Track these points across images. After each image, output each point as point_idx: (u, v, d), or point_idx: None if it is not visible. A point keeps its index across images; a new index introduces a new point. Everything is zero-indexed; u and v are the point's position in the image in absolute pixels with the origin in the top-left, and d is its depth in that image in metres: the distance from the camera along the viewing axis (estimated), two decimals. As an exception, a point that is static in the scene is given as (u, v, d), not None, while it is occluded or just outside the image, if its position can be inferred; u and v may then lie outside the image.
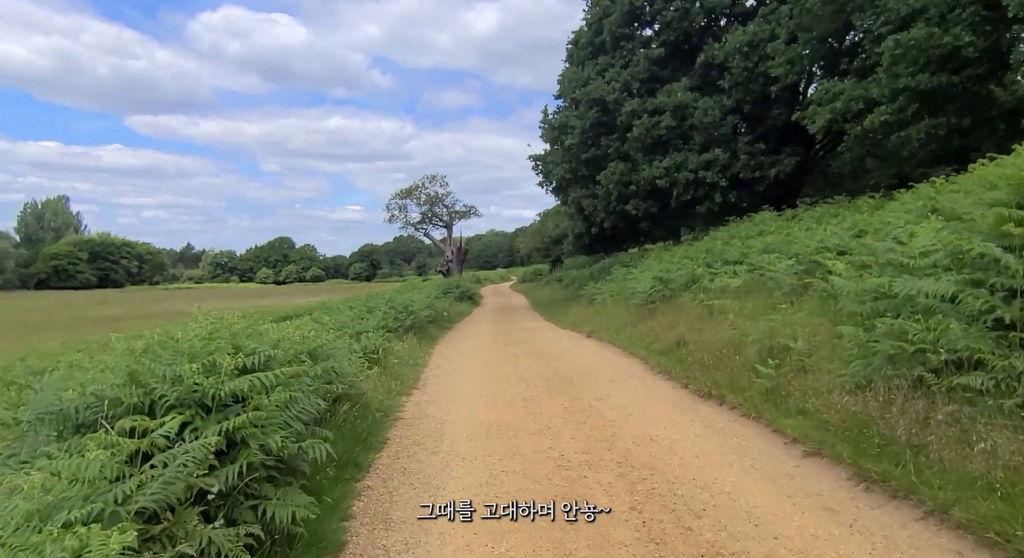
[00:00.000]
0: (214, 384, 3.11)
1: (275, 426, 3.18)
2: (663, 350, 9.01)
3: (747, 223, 16.03)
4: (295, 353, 4.65)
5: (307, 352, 5.03)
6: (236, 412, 3.07)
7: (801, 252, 9.76)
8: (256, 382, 3.18)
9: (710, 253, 14.05)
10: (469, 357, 11.28)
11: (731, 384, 6.32)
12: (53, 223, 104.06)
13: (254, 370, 3.43)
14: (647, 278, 13.68)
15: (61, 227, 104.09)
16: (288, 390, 3.44)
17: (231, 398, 3.19)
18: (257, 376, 3.21)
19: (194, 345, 3.63)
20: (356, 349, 8.25)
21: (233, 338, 3.92)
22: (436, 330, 16.11)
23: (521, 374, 8.91)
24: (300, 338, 5.24)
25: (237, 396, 3.24)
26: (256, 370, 3.45)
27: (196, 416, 3.02)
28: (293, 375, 3.72)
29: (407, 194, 41.54)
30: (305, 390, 3.77)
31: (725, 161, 19.52)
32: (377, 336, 9.30)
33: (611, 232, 23.49)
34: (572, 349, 11.38)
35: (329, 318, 13.63)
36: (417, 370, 9.56)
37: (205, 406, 3.10)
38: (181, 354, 3.52)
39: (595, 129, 22.30)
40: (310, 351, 5.14)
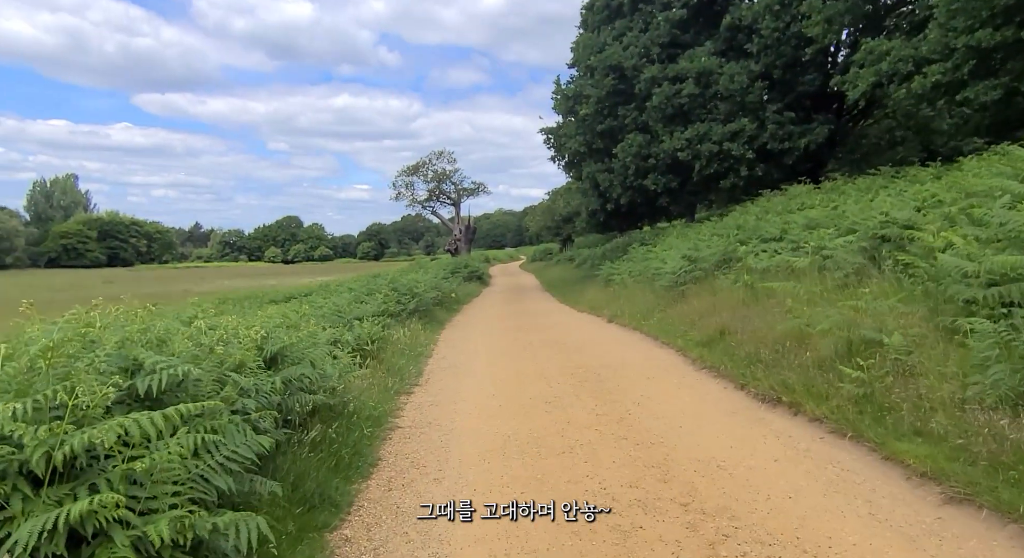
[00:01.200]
0: (50, 436, 1.84)
1: (172, 494, 1.94)
2: (704, 341, 7.71)
3: (781, 197, 14.59)
4: (237, 364, 3.38)
5: (267, 356, 3.78)
6: (92, 480, 1.82)
7: (861, 226, 8.39)
8: (140, 425, 1.91)
9: (743, 229, 12.66)
10: (479, 346, 10.03)
11: (807, 388, 5.02)
12: (62, 202, 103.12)
13: (153, 399, 2.18)
14: (674, 257, 12.33)
15: (70, 206, 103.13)
16: (203, 428, 2.19)
17: (88, 456, 1.91)
18: (142, 417, 1.94)
19: (34, 363, 2.26)
20: (348, 340, 7.00)
21: (119, 349, 2.60)
22: (443, 313, 14.87)
23: (540, 368, 7.65)
24: (259, 336, 3.95)
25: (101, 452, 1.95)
26: (158, 398, 2.20)
27: (13, 495, 1.76)
28: (225, 399, 2.47)
29: (414, 171, 40.05)
30: (239, 423, 2.52)
31: (752, 131, 17.98)
32: (373, 324, 8.06)
33: (627, 209, 22.06)
34: (595, 337, 10.10)
35: (325, 301, 12.42)
36: (420, 362, 8.31)
37: (33, 476, 1.84)
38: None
39: (612, 98, 20.74)
40: (273, 354, 3.89)
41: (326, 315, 9.47)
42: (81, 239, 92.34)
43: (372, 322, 9.08)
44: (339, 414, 4.76)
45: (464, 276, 27.73)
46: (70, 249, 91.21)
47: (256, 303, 25.77)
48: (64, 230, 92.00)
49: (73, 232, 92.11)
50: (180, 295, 49.51)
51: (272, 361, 3.95)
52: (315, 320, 8.85)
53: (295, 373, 3.69)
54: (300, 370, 3.72)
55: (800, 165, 18.72)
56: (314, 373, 3.97)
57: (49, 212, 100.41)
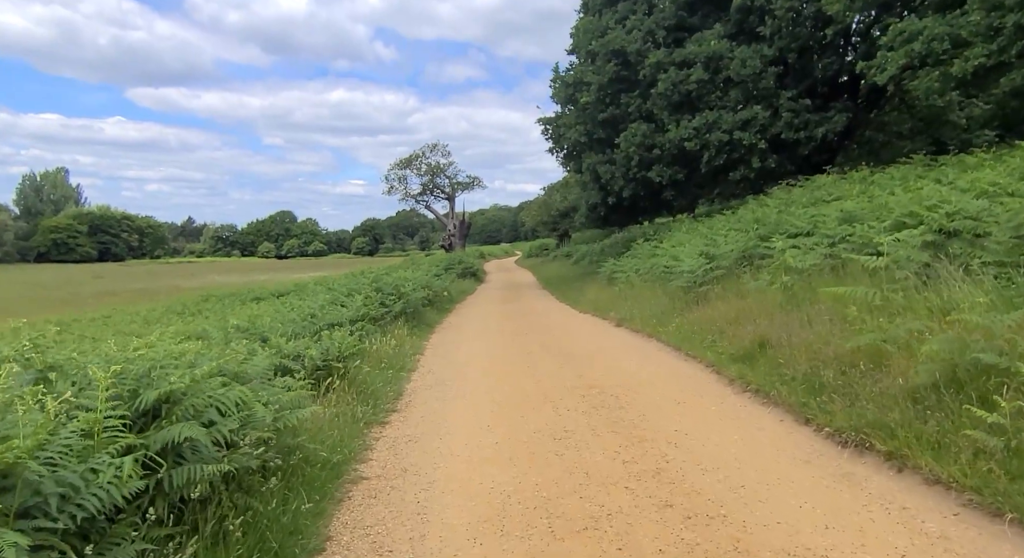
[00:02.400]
0: None
1: None
2: (741, 355, 6.38)
3: (802, 188, 13.27)
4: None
5: (141, 407, 2.43)
6: None
7: (915, 219, 7.08)
8: None
9: (762, 223, 11.33)
10: (472, 355, 8.68)
11: (913, 433, 3.70)
12: (52, 196, 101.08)
13: None
14: (690, 254, 11.01)
15: (60, 200, 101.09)
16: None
17: None
18: None
19: None
20: (313, 355, 5.64)
21: None
22: (434, 314, 13.51)
23: (544, 386, 6.31)
24: (131, 376, 2.55)
25: None
26: None
27: None
28: None
29: (407, 164, 38.61)
30: None
31: (765, 120, 16.64)
32: (348, 333, 6.69)
33: (630, 202, 20.68)
34: (604, 345, 8.77)
35: (302, 303, 11.06)
36: (402, 379, 6.95)
37: None
38: None
39: (614, 85, 19.35)
40: (152, 404, 2.53)
41: (296, 321, 8.11)
42: (71, 234, 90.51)
43: (348, 330, 7.73)
44: (275, 471, 3.41)
45: (458, 272, 26.42)
46: (60, 244, 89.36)
47: (238, 301, 24.39)
48: (54, 224, 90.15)
49: (63, 226, 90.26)
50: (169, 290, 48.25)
51: (153, 414, 2.61)
52: (281, 328, 7.50)
53: (171, 437, 2.33)
54: (186, 432, 2.36)
55: (815, 156, 17.43)
56: (215, 431, 2.62)
57: (39, 206, 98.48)
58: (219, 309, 21.42)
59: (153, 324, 17.01)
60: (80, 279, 60.12)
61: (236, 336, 8.07)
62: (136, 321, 18.01)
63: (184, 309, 21.15)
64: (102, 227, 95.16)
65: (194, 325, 15.82)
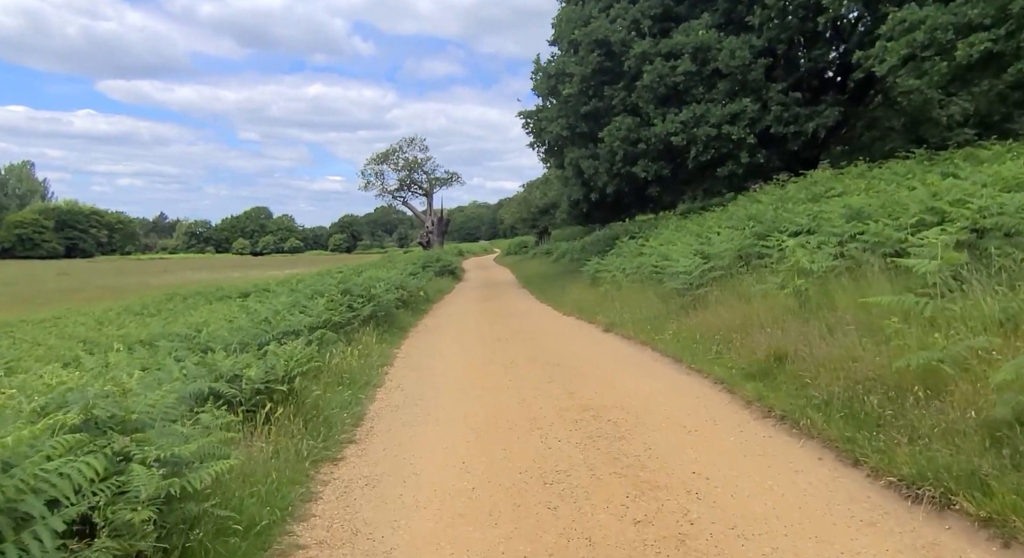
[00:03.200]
0: None
1: None
2: (754, 370, 5.53)
3: (797, 184, 12.53)
4: None
5: None
6: None
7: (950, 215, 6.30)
8: None
9: (758, 221, 10.55)
10: (448, 365, 7.71)
11: (1014, 488, 2.85)
12: (17, 190, 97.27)
13: None
14: (684, 253, 10.17)
15: (26, 194, 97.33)
16: None
17: None
18: None
19: None
20: (251, 377, 4.63)
21: None
22: (408, 317, 12.51)
23: (530, 410, 5.38)
24: None
25: None
26: None
27: None
28: None
29: (384, 159, 37.36)
30: None
31: (754, 113, 15.91)
32: (297, 348, 5.68)
33: (614, 199, 19.86)
34: (594, 354, 7.86)
35: (262, 306, 9.98)
36: (364, 399, 5.95)
37: None
38: None
39: (598, 77, 18.47)
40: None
41: (245, 328, 7.06)
42: (37, 229, 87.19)
43: (306, 339, 6.71)
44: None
45: (436, 271, 25.40)
46: (25, 239, 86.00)
47: (203, 300, 23.01)
48: (19, 219, 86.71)
49: (28, 221, 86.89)
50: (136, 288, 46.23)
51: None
52: (227, 337, 6.47)
53: None
54: None
55: (804, 151, 16.80)
56: (29, 534, 1.66)
57: (3, 201, 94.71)
58: (182, 309, 20.08)
59: (106, 325, 15.72)
60: (43, 276, 57.60)
61: (179, 347, 7.01)
62: (88, 322, 16.67)
63: (144, 309, 19.80)
64: (69, 222, 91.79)
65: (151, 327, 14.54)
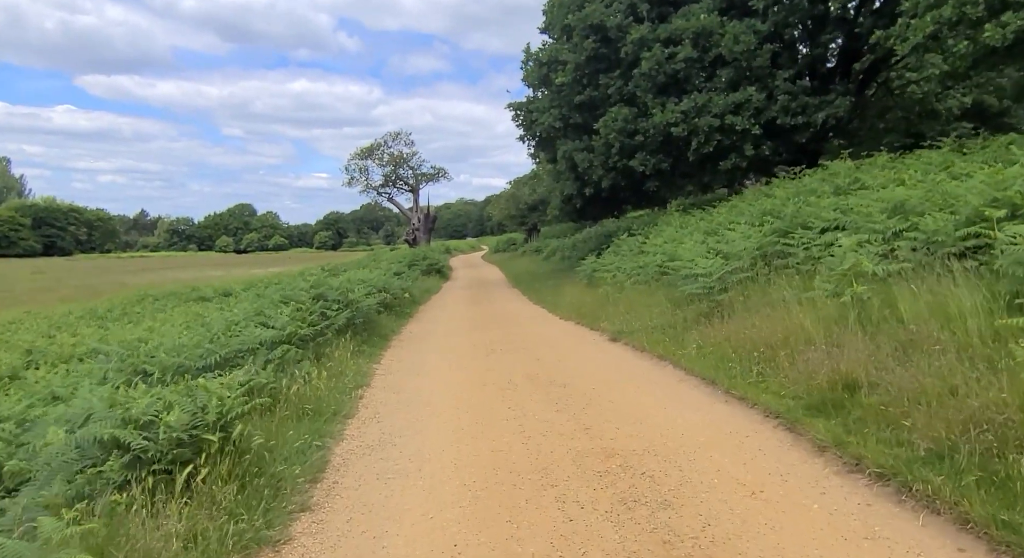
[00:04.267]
0: None
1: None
2: (817, 401, 4.39)
3: (814, 176, 11.45)
4: None
5: None
6: None
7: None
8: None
9: (775, 216, 9.44)
10: (434, 388, 6.49)
11: None
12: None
13: None
14: (696, 252, 9.04)
15: (3, 191, 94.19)
16: None
17: None
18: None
19: None
20: (172, 423, 3.40)
21: None
22: (391, 322, 11.28)
23: (540, 455, 4.20)
24: None
25: None
26: None
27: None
28: None
29: (368, 153, 35.89)
30: None
31: (760, 103, 14.84)
32: (251, 372, 4.43)
33: (608, 194, 18.69)
34: (606, 371, 6.69)
35: (219, 317, 8.70)
36: (329, 439, 4.73)
37: None
38: None
39: (592, 64, 17.29)
40: None
41: (188, 346, 5.80)
42: (13, 226, 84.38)
43: (264, 358, 5.48)
44: None
45: (422, 269, 24.16)
46: (1, 237, 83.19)
47: (175, 302, 21.54)
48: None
49: (4, 219, 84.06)
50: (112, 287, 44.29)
51: None
52: (164, 359, 5.23)
53: None
54: None
55: (812, 143, 15.77)
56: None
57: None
58: (148, 312, 18.61)
59: (62, 332, 14.30)
60: (16, 275, 55.36)
61: (111, 367, 5.75)
62: (43, 328, 15.22)
63: (109, 312, 18.33)
64: (47, 220, 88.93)
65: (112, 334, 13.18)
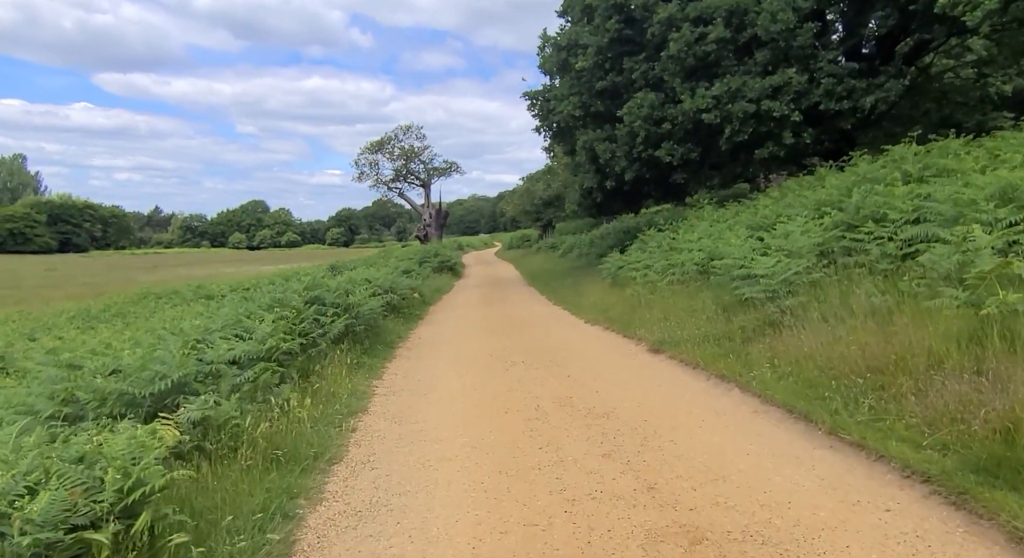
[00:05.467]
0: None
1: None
2: (982, 457, 3.12)
3: (871, 163, 10.06)
4: None
5: None
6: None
7: None
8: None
9: (834, 208, 8.08)
10: (443, 417, 5.26)
11: None
12: (9, 183, 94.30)
13: None
14: (744, 249, 7.73)
15: (18, 188, 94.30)
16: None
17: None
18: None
19: None
20: (35, 517, 2.19)
21: None
22: (398, 326, 10.10)
23: (595, 538, 2.97)
24: None
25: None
26: None
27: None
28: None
29: (378, 147, 34.75)
30: None
31: (800, 86, 13.46)
32: (199, 414, 3.24)
33: (631, 187, 17.40)
34: (658, 397, 5.41)
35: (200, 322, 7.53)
36: (304, 498, 3.53)
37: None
38: None
39: (616, 47, 15.98)
40: None
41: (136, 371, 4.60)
42: (29, 223, 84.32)
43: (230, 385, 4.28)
44: None
45: (433, 266, 22.99)
46: (16, 234, 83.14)
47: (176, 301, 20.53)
48: (9, 213, 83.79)
49: (20, 215, 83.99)
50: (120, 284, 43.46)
51: None
52: (100, 386, 4.07)
53: None
54: None
55: (857, 132, 14.38)
56: None
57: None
58: (146, 313, 17.54)
59: (46, 334, 13.29)
60: (29, 272, 54.96)
61: (43, 396, 4.61)
62: (27, 329, 14.23)
63: (104, 311, 17.33)
64: (62, 216, 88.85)
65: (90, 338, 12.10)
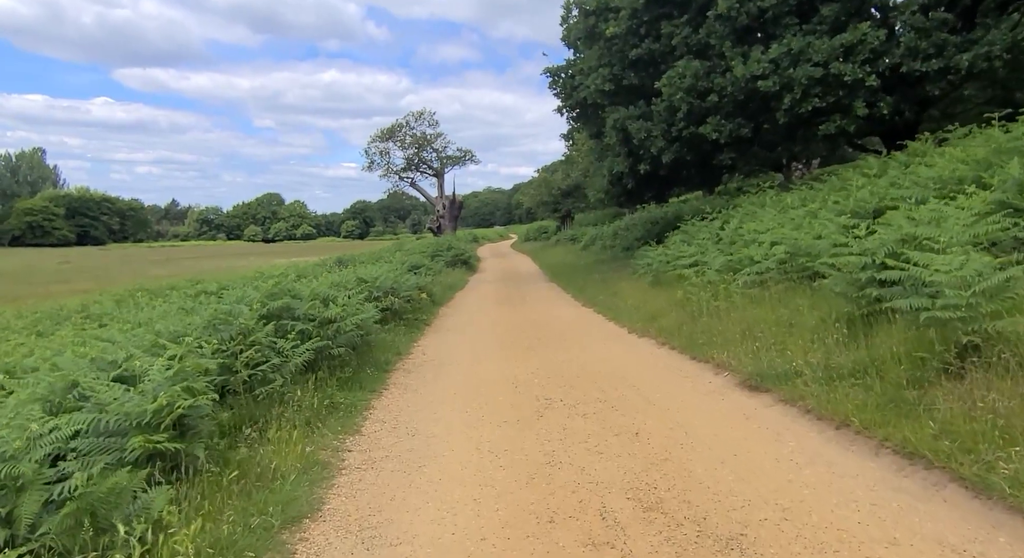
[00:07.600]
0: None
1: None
2: None
3: (986, 134, 7.85)
4: None
5: None
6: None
7: None
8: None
9: (982, 185, 5.93)
10: (444, 529, 3.32)
11: None
12: (29, 177, 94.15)
13: None
14: (874, 241, 5.64)
15: (37, 181, 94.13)
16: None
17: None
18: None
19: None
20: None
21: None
22: (398, 339, 8.20)
23: None
24: None
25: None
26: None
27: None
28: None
29: (390, 135, 32.81)
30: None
31: (877, 45, 11.21)
32: None
33: (668, 171, 15.22)
34: (803, 497, 3.41)
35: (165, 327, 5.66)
36: None
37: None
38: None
39: (653, 8, 13.83)
40: None
41: None
42: (47, 216, 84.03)
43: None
44: None
45: (447, 260, 21.07)
46: (36, 227, 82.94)
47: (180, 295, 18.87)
48: (29, 206, 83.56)
49: (39, 209, 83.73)
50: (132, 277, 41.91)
51: None
52: None
53: None
54: None
55: (944, 102, 12.10)
56: None
57: (15, 188, 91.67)
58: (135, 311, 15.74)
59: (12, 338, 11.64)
60: (43, 265, 54.05)
61: None
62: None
63: (82, 310, 15.71)
64: (80, 209, 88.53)
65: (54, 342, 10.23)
